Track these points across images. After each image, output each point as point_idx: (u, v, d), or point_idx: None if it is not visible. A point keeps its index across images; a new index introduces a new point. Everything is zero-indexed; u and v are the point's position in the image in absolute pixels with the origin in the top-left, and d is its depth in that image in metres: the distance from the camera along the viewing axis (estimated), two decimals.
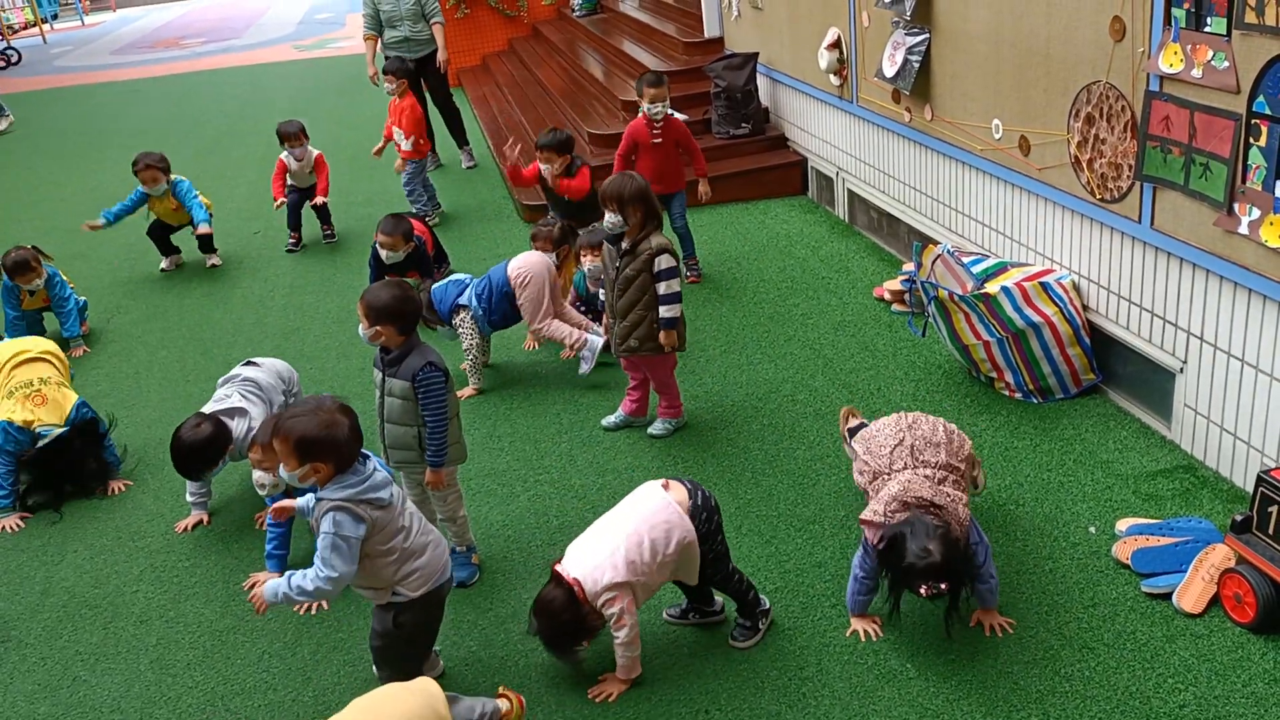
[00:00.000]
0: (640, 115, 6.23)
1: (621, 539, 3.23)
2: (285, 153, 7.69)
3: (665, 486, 3.38)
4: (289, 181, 7.77)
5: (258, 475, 3.89)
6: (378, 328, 3.54)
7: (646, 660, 3.36)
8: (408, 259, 6.08)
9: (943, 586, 3.08)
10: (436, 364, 3.60)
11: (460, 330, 5.29)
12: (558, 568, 3.27)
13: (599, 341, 5.24)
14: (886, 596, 3.27)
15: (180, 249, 7.66)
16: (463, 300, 5.28)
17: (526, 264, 5.27)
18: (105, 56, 20.24)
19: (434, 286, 5.38)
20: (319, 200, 7.72)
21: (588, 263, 5.62)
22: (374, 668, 3.30)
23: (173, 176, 7.26)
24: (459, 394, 5.22)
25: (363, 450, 3.02)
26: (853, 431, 3.87)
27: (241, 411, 4.35)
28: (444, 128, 9.46)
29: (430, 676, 3.37)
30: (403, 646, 3.17)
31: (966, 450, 3.51)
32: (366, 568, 3.02)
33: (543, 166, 6.07)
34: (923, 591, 3.09)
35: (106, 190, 9.90)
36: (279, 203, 7.66)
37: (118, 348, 6.39)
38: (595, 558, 3.23)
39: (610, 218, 4.40)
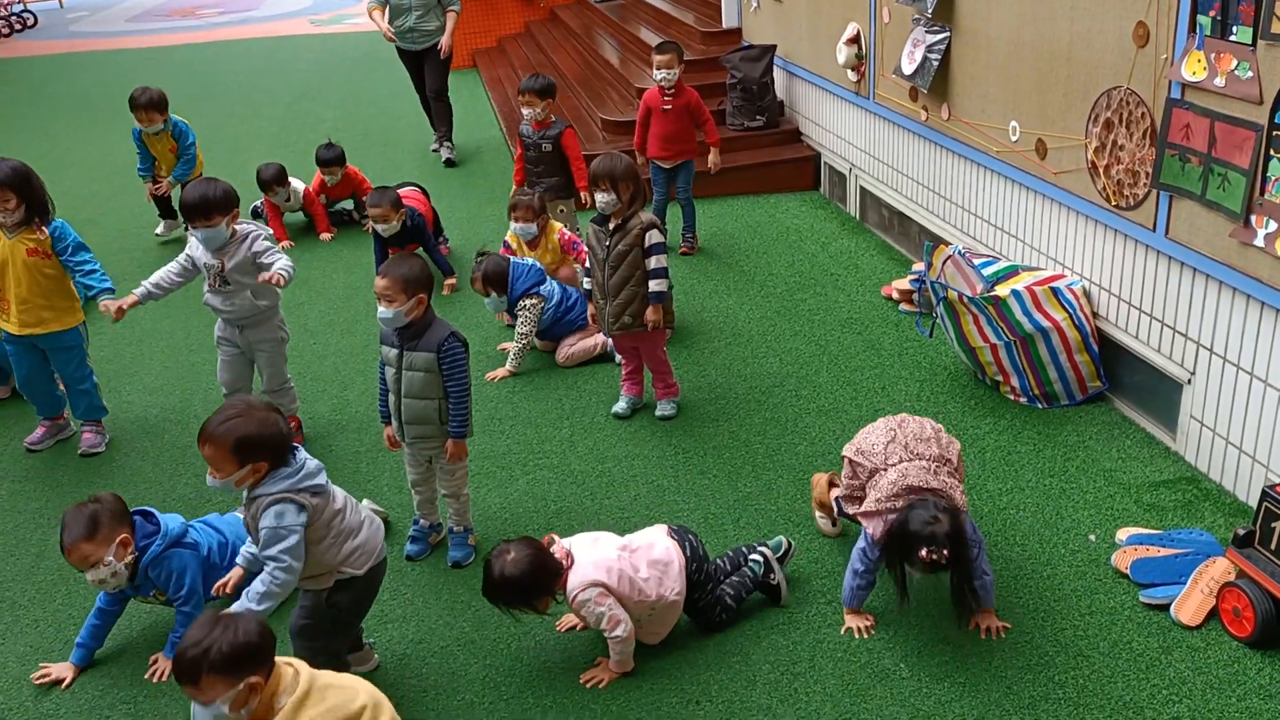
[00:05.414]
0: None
1: (614, 551, 3.30)
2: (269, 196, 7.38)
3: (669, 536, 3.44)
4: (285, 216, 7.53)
5: (92, 575, 3.34)
6: (421, 295, 3.56)
7: (638, 649, 3.34)
8: (404, 231, 6.07)
9: (945, 553, 3.04)
10: (457, 334, 3.64)
11: (524, 314, 5.27)
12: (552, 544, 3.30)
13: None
14: (888, 585, 3.28)
15: (177, 215, 7.49)
16: (544, 290, 5.31)
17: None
18: (121, 23, 20.19)
19: (514, 260, 5.37)
20: (325, 236, 7.44)
21: (515, 225, 5.69)
22: (292, 643, 3.13)
23: (171, 116, 7.09)
24: (492, 374, 5.29)
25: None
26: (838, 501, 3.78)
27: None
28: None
29: (363, 670, 3.30)
30: (330, 625, 3.12)
31: (955, 450, 3.44)
32: (309, 557, 2.99)
33: (526, 111, 6.13)
34: (923, 554, 3.03)
35: (119, 157, 9.88)
36: (283, 244, 7.18)
37: None
38: (589, 554, 3.28)
39: (602, 197, 4.38)
